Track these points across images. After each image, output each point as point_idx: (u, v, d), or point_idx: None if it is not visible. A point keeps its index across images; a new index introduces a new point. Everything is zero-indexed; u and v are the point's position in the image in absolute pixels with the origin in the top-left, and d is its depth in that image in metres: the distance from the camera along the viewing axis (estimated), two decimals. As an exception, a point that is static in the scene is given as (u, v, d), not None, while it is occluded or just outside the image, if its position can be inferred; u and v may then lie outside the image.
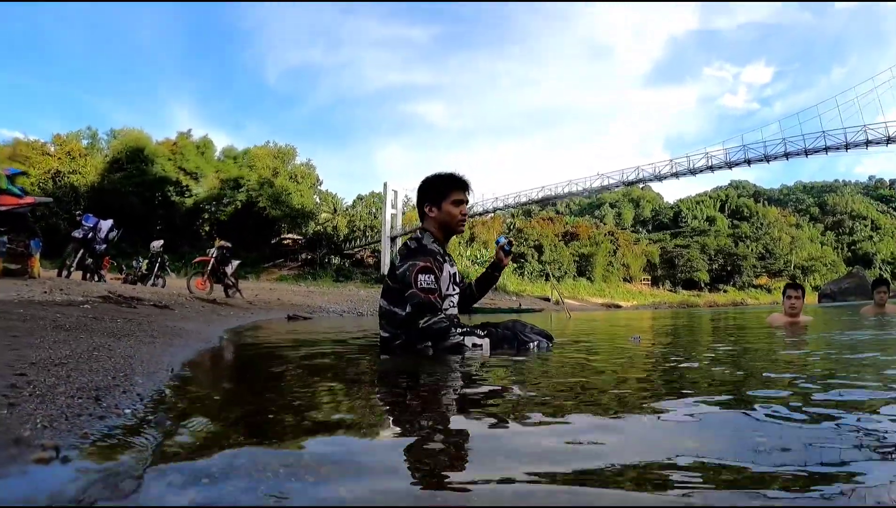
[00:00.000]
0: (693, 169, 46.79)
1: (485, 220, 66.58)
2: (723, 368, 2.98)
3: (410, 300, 3.47)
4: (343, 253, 65.70)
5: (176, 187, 58.46)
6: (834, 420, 1.60)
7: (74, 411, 1.45)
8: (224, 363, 3.80)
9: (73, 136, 60.36)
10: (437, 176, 3.85)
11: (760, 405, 1.78)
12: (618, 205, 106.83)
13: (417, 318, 3.44)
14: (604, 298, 61.66)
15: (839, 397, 1.96)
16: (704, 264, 79.34)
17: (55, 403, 1.50)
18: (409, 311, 3.48)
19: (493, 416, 1.76)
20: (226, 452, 1.29)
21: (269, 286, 30.26)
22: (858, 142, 40.68)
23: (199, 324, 6.32)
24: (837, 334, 5.65)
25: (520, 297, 46.80)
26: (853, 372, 2.74)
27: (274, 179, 62.22)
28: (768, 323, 7.53)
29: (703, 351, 4.15)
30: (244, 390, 2.46)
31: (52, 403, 1.50)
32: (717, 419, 1.71)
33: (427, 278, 3.47)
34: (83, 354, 2.43)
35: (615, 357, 3.77)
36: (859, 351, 3.77)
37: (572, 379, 2.54)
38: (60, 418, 1.38)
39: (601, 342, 5.32)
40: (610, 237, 77.21)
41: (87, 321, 4.01)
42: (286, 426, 1.60)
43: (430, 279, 3.48)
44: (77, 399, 1.58)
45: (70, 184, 52.85)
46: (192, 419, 1.64)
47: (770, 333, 6.11)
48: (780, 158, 43.85)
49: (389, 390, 2.45)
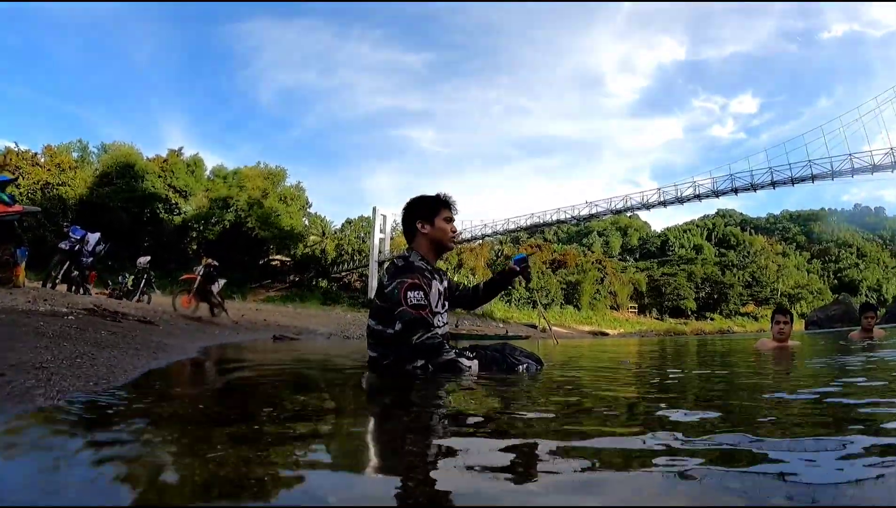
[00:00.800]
0: (681, 198, 47.07)
1: (473, 246, 66.56)
2: (711, 388, 2.96)
3: (401, 318, 3.42)
4: (331, 276, 65.33)
5: (165, 205, 58.08)
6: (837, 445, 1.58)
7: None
8: (199, 377, 3.74)
9: (64, 148, 59.81)
10: (427, 196, 3.88)
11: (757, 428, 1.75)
12: (606, 233, 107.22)
13: (410, 335, 3.39)
14: (591, 325, 61.66)
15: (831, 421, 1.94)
16: (691, 292, 79.50)
17: (33, 403, 1.46)
18: (400, 328, 3.43)
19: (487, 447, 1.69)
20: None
21: (256, 307, 30.07)
22: (844, 170, 41.04)
23: (182, 340, 6.26)
24: (828, 358, 5.64)
25: (507, 324, 46.75)
26: (847, 394, 2.72)
27: (263, 200, 61.96)
28: (756, 349, 7.51)
29: (692, 375, 4.13)
30: (212, 404, 2.37)
31: (31, 403, 1.46)
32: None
33: (416, 294, 3.44)
34: (65, 360, 2.38)
35: (605, 379, 3.74)
36: (851, 374, 3.76)
37: (565, 398, 2.51)
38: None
39: (589, 366, 5.29)
40: (597, 265, 77.29)
41: (70, 331, 3.95)
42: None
43: (420, 296, 3.45)
44: (56, 401, 1.54)
45: (59, 196, 52.21)
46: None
47: (758, 357, 6.10)
48: (766, 186, 44.13)
49: (367, 411, 2.36)
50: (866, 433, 1.61)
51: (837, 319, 29.87)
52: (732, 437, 1.55)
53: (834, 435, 1.59)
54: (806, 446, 1.42)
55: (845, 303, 35.77)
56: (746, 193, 45.45)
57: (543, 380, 3.33)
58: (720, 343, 13.53)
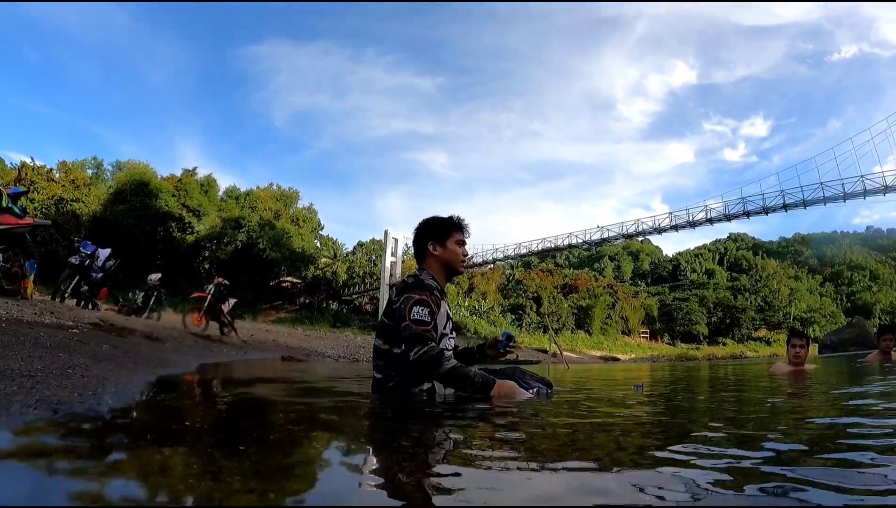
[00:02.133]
0: (692, 222, 46.91)
1: (484, 271, 66.45)
2: (728, 415, 2.86)
3: (403, 333, 3.34)
4: (341, 299, 65.25)
5: (178, 223, 58.34)
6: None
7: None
8: (198, 393, 3.65)
9: (79, 164, 60.56)
10: (440, 217, 3.86)
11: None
12: (617, 258, 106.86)
13: (408, 351, 3.31)
14: (602, 350, 61.15)
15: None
16: (703, 317, 78.84)
17: (7, 410, 1.39)
18: (403, 347, 3.36)
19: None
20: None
21: (266, 327, 30.02)
22: (856, 192, 40.79)
23: (188, 357, 6.20)
24: (846, 385, 5.49)
25: (517, 349, 46.37)
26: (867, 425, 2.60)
27: (276, 221, 62.20)
28: (771, 373, 7.36)
29: (705, 400, 4.02)
30: (197, 423, 2.26)
31: (5, 410, 1.39)
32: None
33: (421, 310, 3.35)
34: (56, 370, 2.32)
35: (617, 404, 3.64)
36: (870, 398, 3.63)
37: (575, 420, 2.41)
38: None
39: (601, 390, 5.17)
40: (609, 290, 76.95)
41: (70, 343, 3.90)
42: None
43: (425, 313, 3.35)
44: (32, 409, 1.47)
45: (72, 212, 52.51)
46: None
47: (773, 381, 5.95)
48: (778, 209, 43.94)
49: (364, 437, 2.24)
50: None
51: (851, 342, 29.39)
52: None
53: (856, 462, 1.49)
54: (831, 473, 1.33)
55: (859, 326, 35.20)
56: (758, 216, 45.31)
57: (554, 405, 3.23)
58: (733, 368, 13.34)
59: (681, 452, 1.62)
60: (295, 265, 63.38)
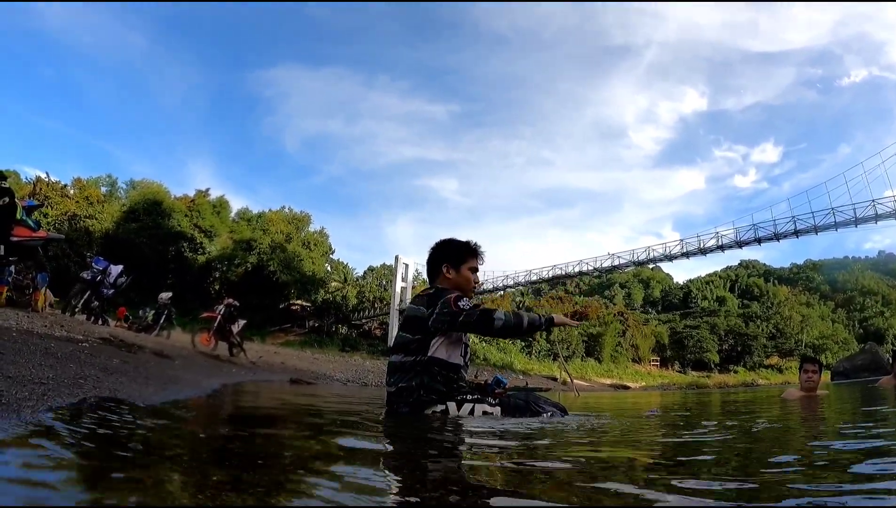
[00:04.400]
0: (703, 249, 46.68)
1: (495, 298, 66.23)
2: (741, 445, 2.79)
3: (469, 319, 3.50)
4: (351, 323, 65.00)
5: (190, 244, 58.82)
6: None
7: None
8: (208, 411, 3.60)
9: (93, 182, 61.41)
10: (458, 241, 3.97)
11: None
12: (627, 285, 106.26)
13: (489, 327, 3.55)
14: (612, 378, 60.69)
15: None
16: (714, 344, 78.02)
17: (18, 415, 1.37)
18: (473, 323, 3.51)
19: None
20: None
21: (275, 350, 30.04)
22: (868, 217, 40.38)
23: (197, 375, 6.17)
24: (859, 409, 5.38)
25: (527, 376, 46.20)
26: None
27: (287, 244, 62.35)
28: (783, 398, 7.23)
29: (717, 427, 3.94)
30: (204, 443, 2.19)
31: (15, 415, 1.36)
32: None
33: (466, 301, 3.58)
34: (67, 380, 2.29)
35: (631, 430, 3.57)
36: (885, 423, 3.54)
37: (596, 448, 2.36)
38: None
39: (613, 417, 5.08)
40: (619, 318, 76.44)
41: (80, 355, 3.88)
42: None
43: (468, 302, 3.59)
44: (43, 414, 1.45)
45: (85, 228, 53.07)
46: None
47: (785, 408, 5.84)
48: (790, 235, 43.59)
49: (377, 462, 2.04)
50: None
51: (864, 368, 29.11)
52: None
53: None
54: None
55: (872, 352, 34.85)
56: (769, 242, 44.89)
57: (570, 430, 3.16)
58: (744, 396, 13.18)
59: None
60: (305, 288, 63.40)
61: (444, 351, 3.54)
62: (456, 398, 3.48)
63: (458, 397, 3.48)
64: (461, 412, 3.43)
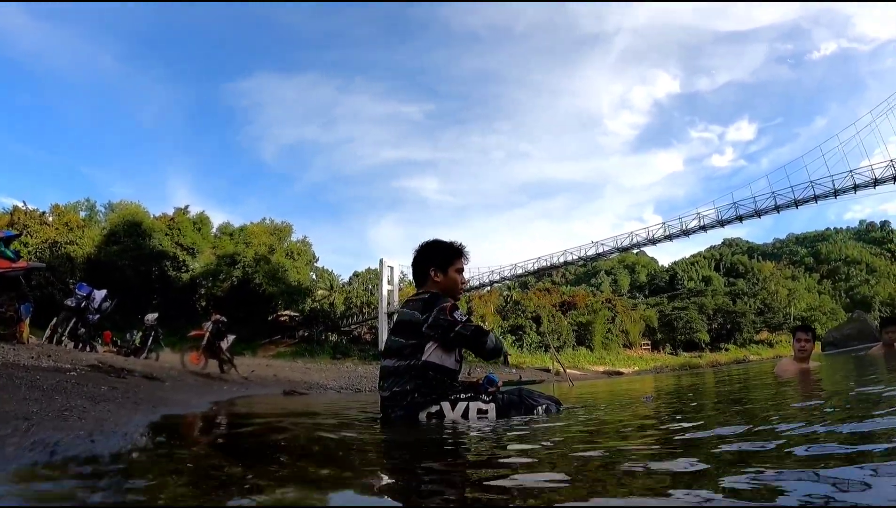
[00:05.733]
0: (686, 230, 47.09)
1: (482, 293, 66.27)
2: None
3: (463, 333, 3.52)
4: (340, 330, 64.92)
5: (172, 262, 58.73)
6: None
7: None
8: (201, 430, 3.54)
9: (72, 207, 61.16)
10: (442, 243, 3.94)
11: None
12: (613, 272, 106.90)
13: (480, 344, 3.61)
14: (604, 365, 60.93)
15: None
16: (704, 324, 78.58)
17: (2, 453, 1.33)
18: (467, 337, 3.56)
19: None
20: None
21: (266, 363, 29.92)
22: (846, 187, 41.23)
23: (189, 396, 6.11)
24: (855, 381, 5.38)
25: (520, 369, 46.24)
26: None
27: (270, 255, 62.33)
28: (776, 374, 7.19)
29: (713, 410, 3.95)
30: (200, 462, 2.11)
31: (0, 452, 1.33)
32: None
33: (459, 313, 3.57)
34: (52, 412, 2.25)
35: (625, 420, 3.55)
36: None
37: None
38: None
39: (609, 405, 5.06)
40: (607, 305, 76.75)
41: (67, 386, 3.83)
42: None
43: (462, 314, 3.58)
44: (28, 451, 1.41)
45: (67, 254, 52.76)
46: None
47: (781, 387, 5.81)
48: (770, 211, 44.24)
49: (375, 471, 2.05)
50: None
51: (854, 337, 29.41)
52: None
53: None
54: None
55: (860, 320, 35.23)
56: (751, 219, 45.60)
57: (567, 424, 3.14)
58: (738, 372, 13.26)
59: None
60: (292, 299, 63.27)
61: (438, 355, 3.52)
62: (450, 397, 3.46)
63: (451, 396, 3.46)
64: (455, 411, 3.41)
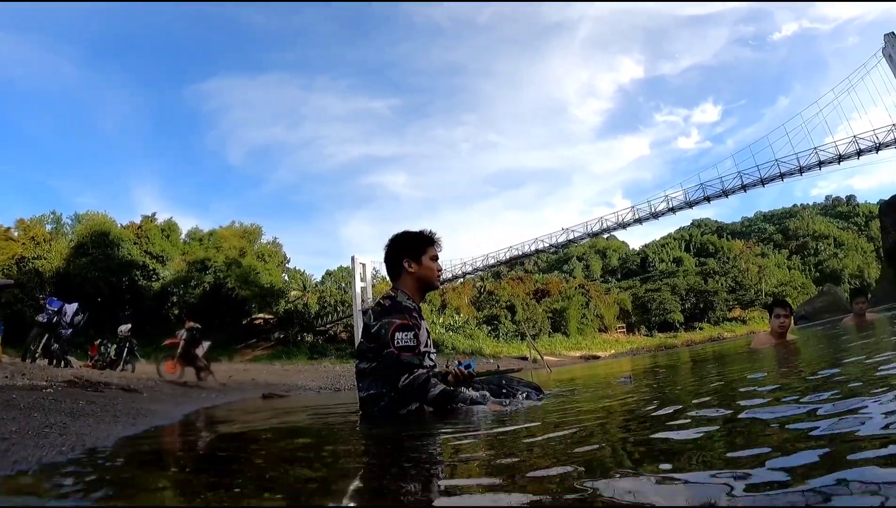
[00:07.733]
0: (655, 213, 47.47)
1: (455, 285, 66.34)
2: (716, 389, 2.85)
3: (386, 360, 3.32)
4: (316, 330, 64.51)
5: (142, 271, 57.88)
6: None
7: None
8: (182, 441, 3.53)
9: (37, 221, 59.97)
10: (412, 232, 3.80)
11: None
12: (585, 258, 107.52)
13: (398, 376, 3.29)
14: (581, 350, 61.34)
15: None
16: (677, 304, 79.46)
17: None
18: (384, 368, 3.34)
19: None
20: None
21: (244, 367, 29.76)
22: (811, 164, 41.76)
23: (167, 406, 6.06)
24: (832, 349, 5.50)
25: (497, 359, 46.42)
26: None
27: (241, 259, 61.84)
28: (753, 348, 7.27)
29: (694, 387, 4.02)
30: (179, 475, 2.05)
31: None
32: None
33: (405, 335, 3.33)
34: (32, 430, 2.24)
35: (607, 401, 3.60)
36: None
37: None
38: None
39: (589, 389, 5.11)
40: (581, 290, 77.29)
41: (44, 403, 3.79)
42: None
43: (409, 337, 3.34)
44: (9, 472, 1.42)
45: (35, 269, 51.91)
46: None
47: (757, 356, 5.91)
48: (737, 190, 44.75)
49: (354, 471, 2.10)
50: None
51: (825, 310, 30.10)
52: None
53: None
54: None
55: (831, 293, 36.02)
56: (718, 200, 45.97)
57: (548, 412, 3.15)
58: (713, 350, 13.47)
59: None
60: (266, 301, 62.91)
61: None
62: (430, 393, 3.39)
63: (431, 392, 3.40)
64: (435, 406, 3.31)
